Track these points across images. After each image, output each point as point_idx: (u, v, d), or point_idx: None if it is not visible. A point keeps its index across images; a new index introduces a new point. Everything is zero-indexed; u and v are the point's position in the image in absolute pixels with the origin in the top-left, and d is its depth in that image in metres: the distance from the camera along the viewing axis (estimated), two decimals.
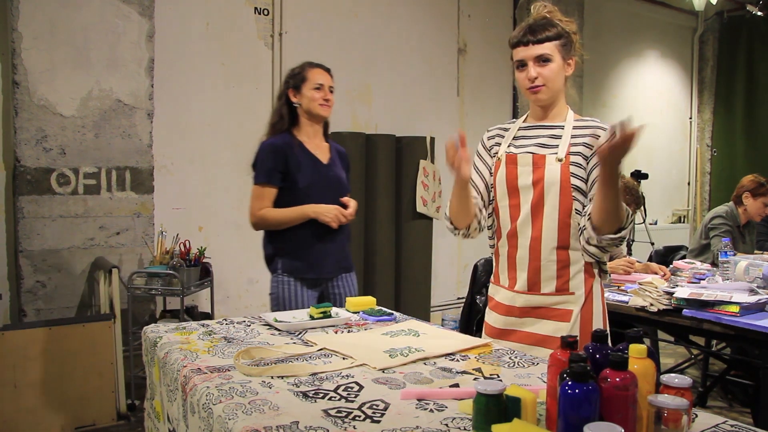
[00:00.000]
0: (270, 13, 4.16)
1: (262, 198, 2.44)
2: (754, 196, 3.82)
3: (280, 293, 2.46)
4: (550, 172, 1.74)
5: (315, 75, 2.50)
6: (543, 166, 1.75)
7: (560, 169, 1.73)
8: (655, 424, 0.95)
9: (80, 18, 3.38)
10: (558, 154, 1.74)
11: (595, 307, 1.78)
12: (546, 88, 1.77)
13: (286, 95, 2.52)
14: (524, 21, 1.85)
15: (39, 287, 3.30)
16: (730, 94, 6.95)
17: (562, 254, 1.75)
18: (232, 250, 4.04)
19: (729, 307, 2.34)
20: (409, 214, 4.56)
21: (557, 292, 1.76)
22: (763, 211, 3.83)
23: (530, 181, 1.76)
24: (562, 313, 1.75)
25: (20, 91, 3.23)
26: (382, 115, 4.71)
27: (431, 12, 4.96)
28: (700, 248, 3.85)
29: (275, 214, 2.43)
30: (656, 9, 6.62)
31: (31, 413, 2.90)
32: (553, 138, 1.80)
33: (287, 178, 2.45)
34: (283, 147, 2.46)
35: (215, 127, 3.97)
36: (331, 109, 2.55)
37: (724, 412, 3.47)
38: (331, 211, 2.42)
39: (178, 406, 1.38)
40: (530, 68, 1.77)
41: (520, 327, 1.80)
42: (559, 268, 1.75)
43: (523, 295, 1.79)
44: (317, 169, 2.49)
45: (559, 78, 1.78)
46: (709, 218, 3.86)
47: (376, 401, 1.18)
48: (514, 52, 1.81)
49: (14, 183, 3.29)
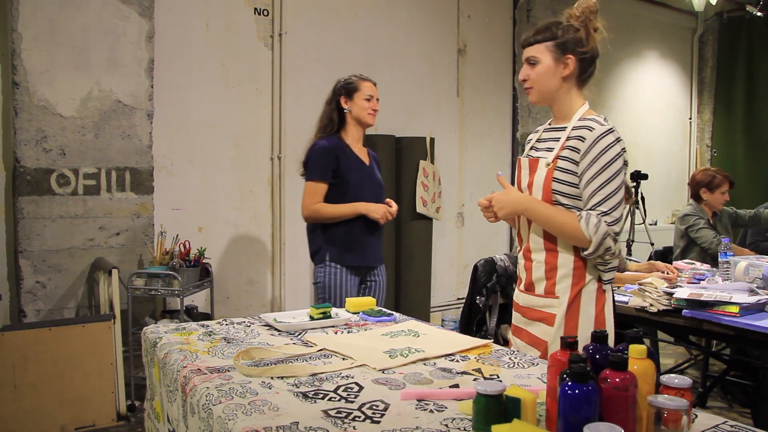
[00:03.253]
0: (270, 14, 4.16)
1: (315, 194, 2.70)
2: (710, 190, 3.87)
3: (327, 281, 2.73)
4: (538, 177, 1.76)
5: (366, 87, 2.81)
6: (535, 170, 1.78)
7: (545, 173, 1.74)
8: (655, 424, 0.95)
9: (80, 18, 3.38)
10: (548, 158, 1.76)
11: (583, 315, 1.72)
12: (534, 90, 1.82)
13: (338, 101, 2.81)
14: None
15: (39, 287, 3.30)
16: (730, 95, 6.94)
17: (550, 257, 1.75)
18: (232, 250, 4.04)
19: (729, 307, 2.34)
20: (409, 215, 4.55)
21: (545, 295, 1.77)
22: (723, 199, 3.87)
23: (525, 185, 1.80)
24: (547, 317, 1.76)
25: (20, 92, 3.23)
26: (382, 115, 4.67)
27: (431, 12, 4.96)
28: (681, 251, 3.87)
29: (329, 209, 2.71)
30: (656, 9, 6.62)
31: (31, 413, 2.90)
32: (551, 141, 1.81)
33: (337, 177, 2.71)
34: (335, 148, 2.73)
35: (215, 127, 3.97)
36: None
37: (724, 412, 3.47)
38: (380, 209, 2.74)
39: (177, 406, 1.38)
40: (522, 70, 1.84)
41: (522, 325, 1.86)
42: (547, 270, 1.76)
43: (523, 295, 1.85)
44: (363, 169, 2.80)
45: (549, 79, 1.78)
46: (680, 220, 3.89)
47: (376, 402, 1.18)
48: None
49: (14, 183, 3.29)
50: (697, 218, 3.81)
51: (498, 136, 5.50)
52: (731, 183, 3.90)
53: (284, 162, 4.21)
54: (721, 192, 3.86)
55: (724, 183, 3.86)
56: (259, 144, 4.15)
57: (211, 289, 3.61)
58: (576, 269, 1.72)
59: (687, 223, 3.84)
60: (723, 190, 3.86)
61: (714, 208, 3.90)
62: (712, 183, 3.87)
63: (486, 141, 5.36)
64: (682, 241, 3.88)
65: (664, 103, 6.88)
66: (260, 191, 4.17)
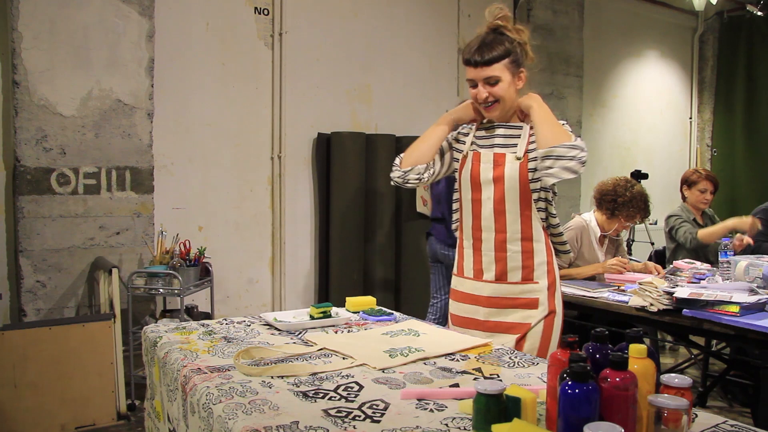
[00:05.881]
0: (270, 13, 4.16)
1: None
2: (689, 187, 3.88)
3: None
4: (510, 170, 1.86)
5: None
6: (503, 164, 1.87)
7: (519, 166, 1.85)
8: (655, 424, 0.95)
9: (80, 18, 3.38)
10: (517, 152, 1.87)
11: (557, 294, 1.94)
12: (498, 105, 1.88)
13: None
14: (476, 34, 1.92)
15: (39, 287, 3.30)
16: (730, 94, 6.93)
17: (527, 245, 1.88)
18: (232, 250, 4.04)
19: (729, 307, 2.34)
20: (409, 214, 4.56)
21: (523, 281, 1.89)
22: (702, 198, 3.85)
23: (491, 177, 1.88)
24: (529, 302, 1.89)
25: (20, 91, 3.23)
26: (382, 115, 4.71)
27: (431, 12, 4.96)
28: (672, 253, 3.87)
29: None
30: (656, 9, 6.62)
31: (31, 413, 2.90)
32: (511, 138, 1.91)
33: None
34: None
35: (215, 127, 3.97)
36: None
37: (724, 412, 3.47)
38: None
39: (178, 405, 1.38)
40: (479, 89, 1.87)
41: (487, 316, 1.91)
42: (524, 258, 1.88)
43: (491, 285, 1.91)
44: None
45: (511, 94, 1.89)
46: (665, 223, 3.90)
47: (376, 401, 1.18)
48: (466, 69, 1.91)
49: (14, 183, 3.29)
50: (677, 218, 3.80)
51: None
52: (714, 184, 3.85)
53: (284, 161, 4.21)
54: (700, 190, 3.83)
55: (702, 181, 3.82)
56: (259, 143, 4.15)
57: (211, 288, 3.61)
58: (548, 255, 1.91)
59: (669, 225, 3.84)
60: (701, 188, 3.82)
61: (695, 205, 3.88)
62: (689, 179, 3.87)
63: None
64: (671, 243, 3.89)
65: (664, 103, 6.88)
66: (260, 190, 4.17)
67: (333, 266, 4.27)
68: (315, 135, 4.34)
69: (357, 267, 4.29)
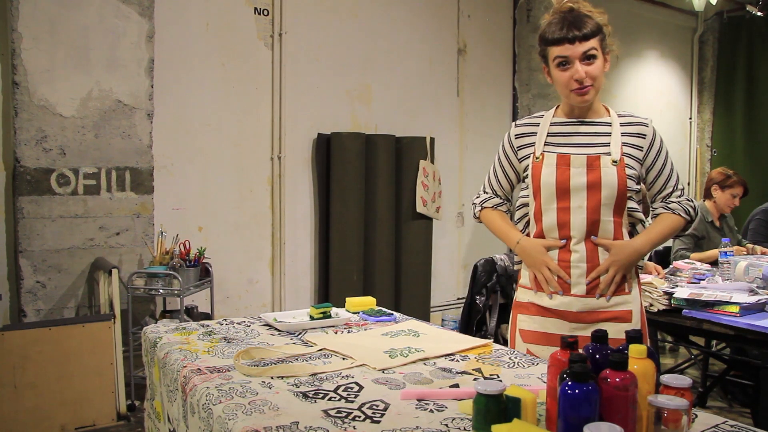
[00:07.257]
0: (270, 13, 4.16)
1: None
2: (722, 189, 3.86)
3: None
4: (606, 175, 1.68)
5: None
6: (598, 168, 1.69)
7: (617, 171, 1.69)
8: (655, 424, 0.95)
9: (80, 18, 3.38)
10: (612, 155, 1.70)
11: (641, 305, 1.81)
12: (593, 89, 1.70)
13: None
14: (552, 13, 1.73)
15: (39, 287, 3.30)
16: (730, 95, 6.93)
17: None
18: (232, 250, 4.04)
19: (729, 307, 2.34)
20: (409, 215, 4.56)
21: (617, 293, 1.74)
22: (732, 203, 3.87)
23: (584, 183, 1.69)
24: (623, 314, 1.74)
25: (20, 92, 3.23)
26: (382, 115, 4.71)
27: (431, 12, 4.96)
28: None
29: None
30: (656, 9, 6.61)
31: (31, 413, 2.90)
32: (597, 136, 1.75)
33: None
34: None
35: (215, 127, 3.97)
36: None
37: (723, 412, 3.47)
38: None
39: (178, 406, 1.38)
40: (577, 67, 1.67)
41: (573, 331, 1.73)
42: None
43: (582, 299, 1.73)
44: None
45: (602, 76, 1.72)
46: None
47: (376, 401, 1.18)
48: (552, 49, 1.70)
49: (14, 183, 3.29)
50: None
51: (498, 136, 5.45)
52: (746, 190, 3.86)
53: (284, 162, 4.21)
54: (732, 194, 3.83)
55: (738, 186, 3.82)
56: (259, 144, 4.15)
57: (211, 288, 3.61)
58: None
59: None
60: (734, 193, 3.83)
61: (721, 209, 3.88)
62: (725, 182, 3.86)
63: (486, 141, 5.36)
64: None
65: (664, 103, 6.87)
66: (260, 191, 4.17)
67: (333, 267, 4.27)
68: (315, 135, 4.34)
69: (357, 267, 4.29)
